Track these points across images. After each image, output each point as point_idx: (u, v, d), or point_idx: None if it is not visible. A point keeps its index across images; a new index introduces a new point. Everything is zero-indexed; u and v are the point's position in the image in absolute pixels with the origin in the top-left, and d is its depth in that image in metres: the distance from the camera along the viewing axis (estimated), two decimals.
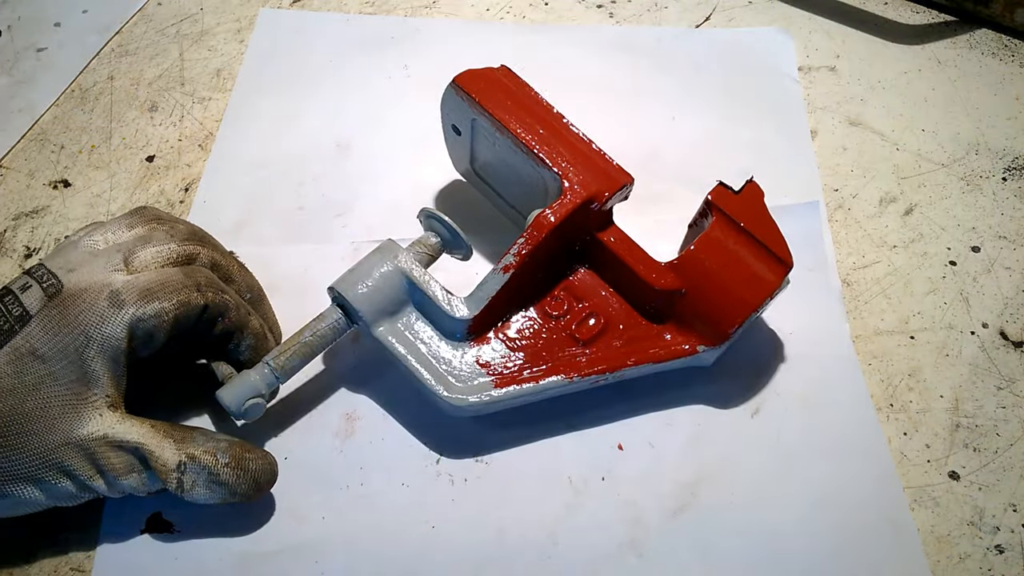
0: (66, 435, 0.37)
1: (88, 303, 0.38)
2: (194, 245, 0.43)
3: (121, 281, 0.39)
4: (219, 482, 0.40)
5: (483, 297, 0.44)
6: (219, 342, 0.43)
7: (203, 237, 0.45)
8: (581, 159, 0.46)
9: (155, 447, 0.39)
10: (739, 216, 0.45)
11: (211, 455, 0.40)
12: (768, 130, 0.62)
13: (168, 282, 0.40)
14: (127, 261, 0.41)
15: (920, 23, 0.70)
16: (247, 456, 0.41)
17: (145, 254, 0.41)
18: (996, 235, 0.56)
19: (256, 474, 0.41)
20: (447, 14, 0.70)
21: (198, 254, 0.43)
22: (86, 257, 0.40)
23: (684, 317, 0.45)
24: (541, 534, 0.43)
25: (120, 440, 0.38)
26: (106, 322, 0.38)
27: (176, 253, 0.42)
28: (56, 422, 0.37)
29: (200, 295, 0.41)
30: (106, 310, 0.38)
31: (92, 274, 0.39)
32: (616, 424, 0.47)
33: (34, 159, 0.60)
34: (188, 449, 0.39)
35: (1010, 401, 0.49)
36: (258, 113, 0.62)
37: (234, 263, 0.46)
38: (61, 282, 0.39)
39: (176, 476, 0.39)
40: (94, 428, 0.38)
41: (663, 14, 0.71)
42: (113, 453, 0.38)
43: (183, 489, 0.39)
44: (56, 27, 0.69)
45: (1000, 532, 0.44)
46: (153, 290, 0.39)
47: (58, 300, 0.38)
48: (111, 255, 0.41)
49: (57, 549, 0.42)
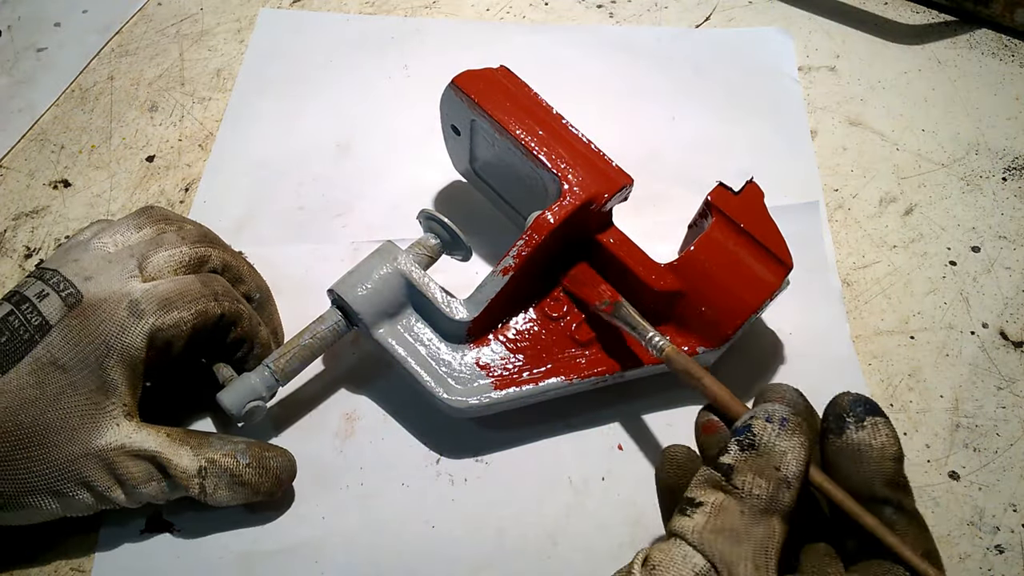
0: (85, 446, 0.37)
1: (108, 313, 0.38)
2: (205, 247, 0.43)
3: (140, 290, 0.39)
4: (242, 483, 0.40)
5: (482, 299, 0.44)
6: (228, 348, 0.44)
7: (213, 239, 0.45)
8: (580, 160, 0.46)
9: (173, 455, 0.39)
10: (739, 217, 0.45)
11: (231, 457, 0.40)
12: (768, 130, 0.62)
13: (187, 291, 0.40)
14: (141, 267, 0.41)
15: (920, 23, 0.70)
16: (266, 455, 0.42)
17: (158, 259, 0.41)
18: (996, 235, 0.56)
19: (278, 471, 0.42)
20: (447, 14, 0.70)
21: (209, 256, 0.43)
22: (100, 263, 0.40)
23: (684, 318, 0.45)
24: (541, 534, 0.43)
25: (138, 449, 0.38)
26: (126, 332, 0.38)
27: (189, 256, 0.42)
28: (76, 433, 0.37)
29: (217, 304, 0.41)
30: (126, 320, 0.38)
31: (110, 283, 0.39)
32: (616, 424, 0.47)
33: (34, 159, 0.60)
34: (207, 453, 0.40)
35: (1010, 401, 0.49)
36: (258, 113, 0.62)
37: (244, 264, 0.46)
38: (80, 292, 0.39)
39: (198, 481, 0.39)
40: (112, 438, 0.38)
41: (663, 14, 0.71)
42: (132, 462, 0.38)
43: (206, 494, 0.40)
44: (56, 27, 0.69)
45: (1000, 532, 0.44)
46: (172, 300, 0.40)
47: (78, 311, 0.38)
48: (125, 261, 0.41)
49: (57, 549, 0.42)
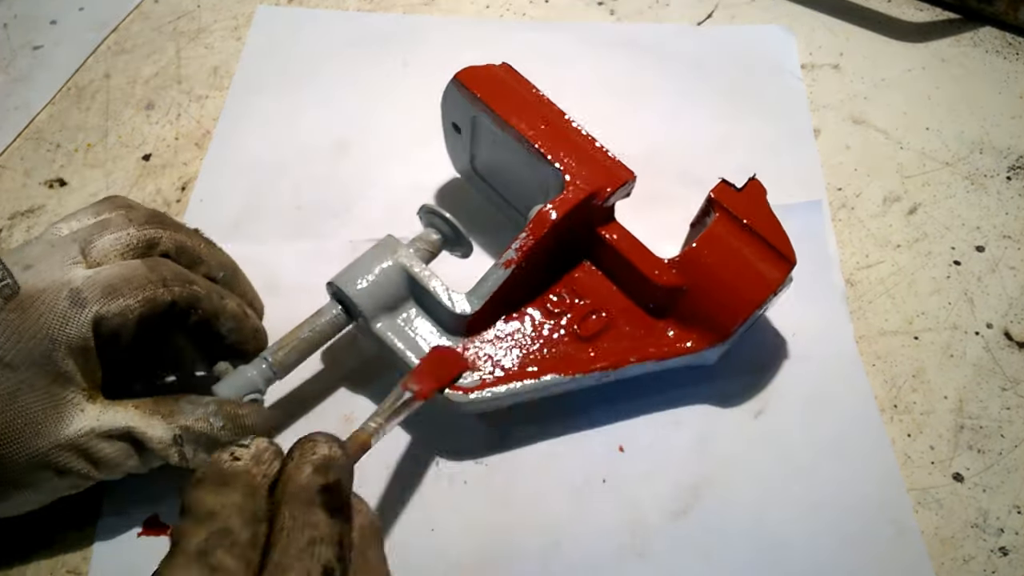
0: (54, 438, 0.36)
1: (47, 305, 0.36)
2: (154, 229, 0.41)
3: (81, 278, 0.37)
4: (220, 445, 0.38)
5: (484, 292, 0.43)
6: (197, 328, 0.42)
7: (163, 219, 0.42)
8: (583, 155, 0.45)
9: (146, 427, 0.38)
10: (742, 213, 0.44)
11: (204, 421, 0.39)
12: (771, 128, 0.61)
13: (132, 277, 0.38)
14: (84, 252, 0.38)
15: (924, 21, 0.70)
16: (240, 412, 0.40)
17: (103, 243, 0.39)
18: (1000, 234, 0.56)
19: (255, 428, 0.40)
20: (446, 12, 0.70)
21: (160, 238, 0.41)
22: (44, 250, 0.38)
23: (686, 314, 0.45)
24: (542, 536, 0.43)
25: (109, 429, 0.37)
26: (69, 323, 0.36)
27: (136, 239, 0.40)
28: (40, 427, 0.36)
29: (167, 290, 0.39)
30: (67, 310, 0.36)
31: (50, 271, 0.37)
32: (617, 425, 0.47)
33: (30, 158, 0.60)
34: (179, 421, 0.38)
35: (1015, 402, 0.48)
36: (255, 111, 0.62)
37: (201, 241, 0.44)
38: (16, 283, 0.36)
39: (176, 450, 0.38)
40: (79, 425, 0.37)
41: (664, 11, 0.70)
42: (106, 443, 0.37)
43: (187, 460, 0.39)
44: (52, 25, 0.69)
45: (1004, 534, 0.44)
46: (116, 286, 0.37)
47: (15, 303, 0.36)
48: (68, 246, 0.39)
49: (53, 550, 0.42)
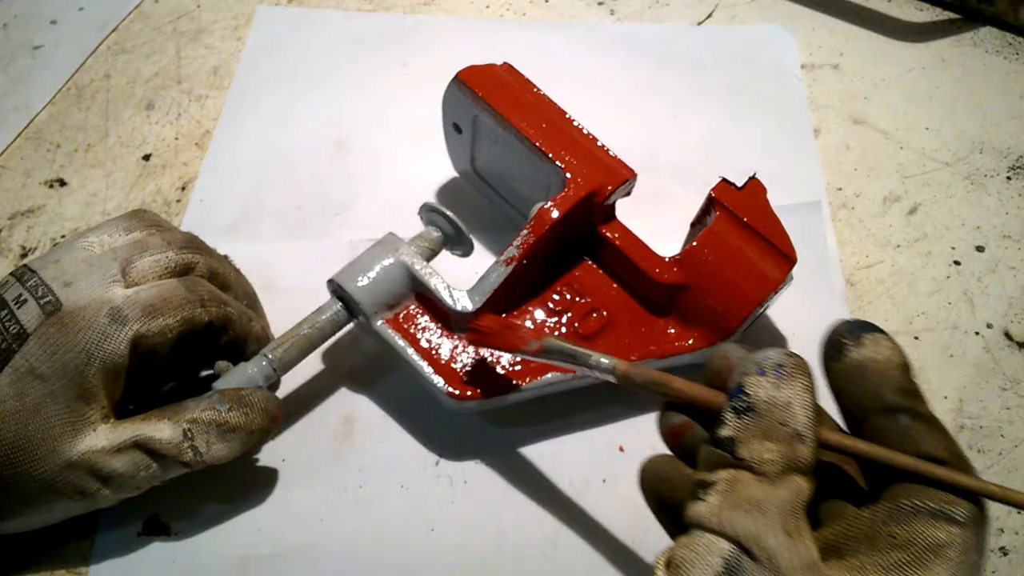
0: (67, 456, 0.36)
1: (88, 321, 0.37)
2: (192, 253, 0.42)
3: (121, 297, 0.38)
4: (231, 428, 0.39)
5: (486, 289, 0.43)
6: (223, 351, 0.43)
7: (200, 245, 0.44)
8: (584, 153, 0.45)
9: (153, 431, 0.38)
10: (742, 211, 0.44)
11: (210, 409, 0.39)
12: (771, 128, 0.61)
13: (171, 298, 0.39)
14: (124, 271, 0.40)
15: (924, 21, 0.70)
16: (243, 394, 0.40)
17: (143, 264, 0.40)
18: (1000, 234, 0.56)
19: (262, 403, 0.40)
20: (447, 11, 0.70)
21: (196, 263, 0.42)
22: (81, 267, 0.39)
23: (687, 313, 0.45)
24: (541, 537, 0.43)
25: (118, 444, 0.37)
26: (108, 340, 0.37)
27: (174, 262, 0.41)
28: (57, 443, 0.36)
29: (204, 311, 0.40)
30: (107, 327, 0.37)
31: (91, 288, 0.38)
32: (617, 425, 0.47)
33: (30, 158, 0.60)
34: (186, 416, 0.39)
35: (1015, 402, 0.48)
36: (256, 111, 0.62)
37: (231, 269, 0.45)
38: (58, 298, 0.37)
39: (188, 445, 0.38)
40: (91, 443, 0.37)
41: (664, 11, 0.70)
42: (115, 458, 0.37)
43: (201, 455, 0.38)
44: (52, 24, 0.69)
45: (1004, 534, 0.44)
46: (156, 306, 0.39)
47: (56, 318, 0.37)
48: (107, 264, 0.39)
49: (54, 551, 0.42)
